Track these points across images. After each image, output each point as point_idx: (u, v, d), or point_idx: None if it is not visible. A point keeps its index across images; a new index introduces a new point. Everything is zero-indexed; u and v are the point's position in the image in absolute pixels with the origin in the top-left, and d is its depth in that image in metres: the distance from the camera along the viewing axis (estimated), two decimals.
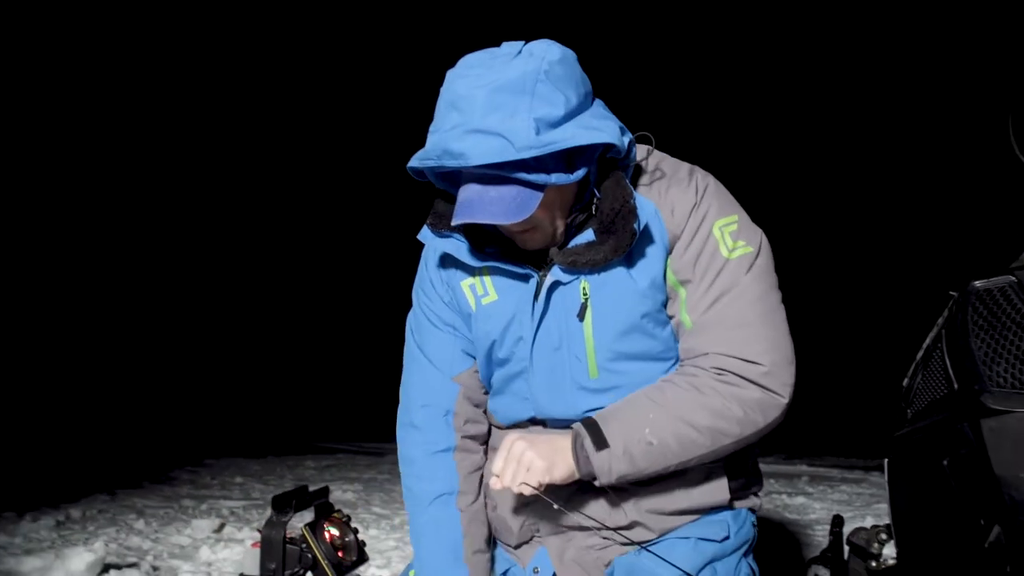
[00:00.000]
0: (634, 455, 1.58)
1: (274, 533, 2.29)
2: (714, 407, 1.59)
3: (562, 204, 1.62)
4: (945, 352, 1.75)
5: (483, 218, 1.50)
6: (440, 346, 1.86)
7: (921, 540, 1.87)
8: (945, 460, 1.65)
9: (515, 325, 1.72)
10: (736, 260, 1.65)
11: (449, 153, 1.48)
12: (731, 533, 1.75)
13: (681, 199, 1.68)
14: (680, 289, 1.67)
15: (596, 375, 1.69)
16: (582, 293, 1.67)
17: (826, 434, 8.17)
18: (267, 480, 6.11)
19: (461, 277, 1.80)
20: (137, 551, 3.57)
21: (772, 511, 4.79)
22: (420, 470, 1.85)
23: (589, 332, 1.68)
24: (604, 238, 1.62)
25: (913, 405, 1.95)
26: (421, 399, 1.86)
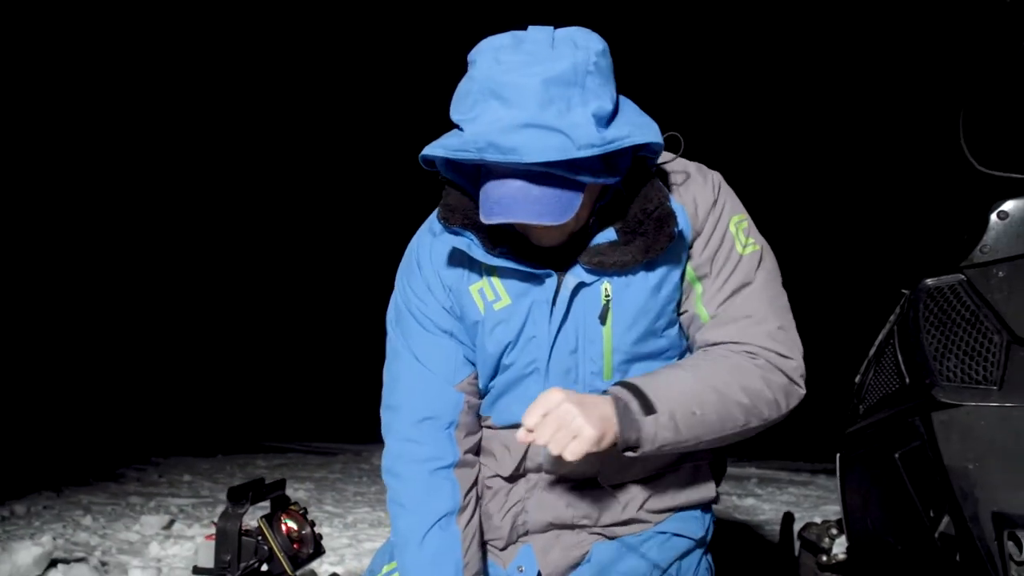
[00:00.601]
0: (679, 423, 1.50)
1: (229, 525, 2.27)
2: (751, 387, 1.56)
3: (591, 202, 1.57)
4: (897, 348, 1.80)
5: (526, 218, 1.42)
6: (440, 353, 1.74)
7: (872, 533, 1.92)
8: (897, 453, 1.71)
9: (528, 327, 1.66)
10: (748, 256, 1.66)
11: (497, 148, 1.38)
12: (705, 535, 1.79)
13: (702, 196, 1.66)
14: (697, 284, 1.66)
15: (610, 377, 1.66)
16: (604, 295, 1.63)
17: (773, 438, 8.31)
18: (216, 479, 6.02)
19: (470, 281, 1.70)
20: (85, 546, 3.49)
21: (722, 512, 4.86)
22: (420, 489, 1.70)
23: (608, 335, 1.64)
24: (630, 238, 1.58)
25: (865, 401, 2.01)
26: (422, 411, 1.72)
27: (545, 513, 1.73)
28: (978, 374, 1.59)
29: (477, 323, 1.69)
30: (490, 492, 1.78)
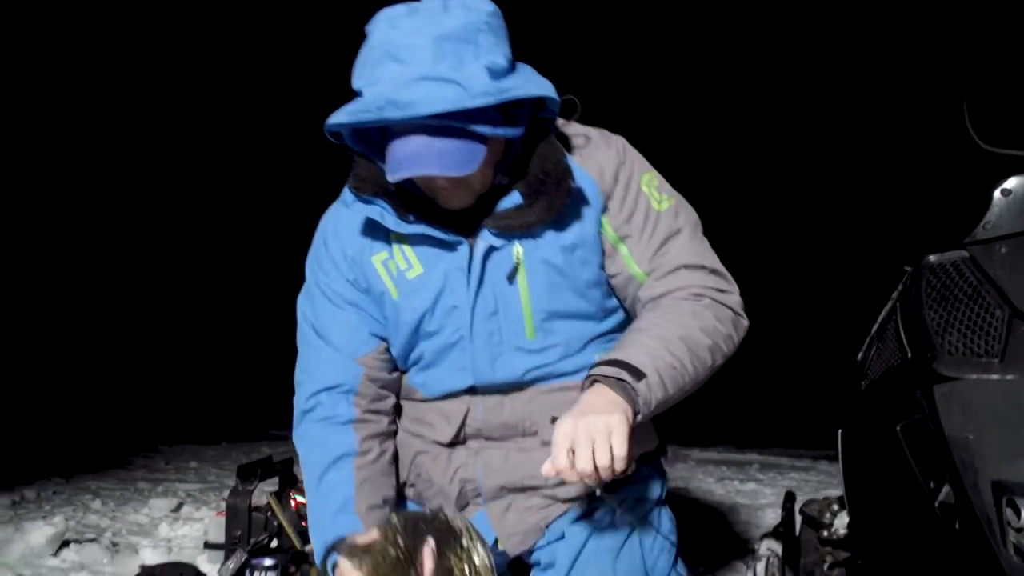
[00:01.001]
0: (665, 380, 1.52)
1: (239, 501, 2.32)
2: (708, 326, 1.62)
3: (494, 160, 1.61)
4: (899, 324, 1.83)
5: (429, 170, 1.47)
6: (341, 327, 1.78)
7: (872, 507, 1.95)
8: (898, 426, 1.73)
9: (446, 294, 1.70)
10: (666, 211, 1.73)
11: (394, 104, 1.43)
12: (656, 491, 1.86)
13: (607, 160, 1.72)
14: (621, 246, 1.72)
15: (533, 336, 1.72)
16: (515, 256, 1.67)
17: (775, 425, 8.34)
18: (222, 465, 6.06)
19: (372, 252, 1.75)
20: (95, 528, 3.54)
21: (724, 496, 4.90)
22: (316, 439, 1.76)
23: (525, 294, 1.69)
24: (533, 199, 1.63)
25: (867, 377, 2.03)
26: (322, 383, 1.77)
27: (495, 477, 1.76)
28: (980, 348, 1.62)
29: (383, 294, 1.73)
30: (429, 457, 1.81)
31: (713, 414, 8.44)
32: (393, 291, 1.73)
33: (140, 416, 8.55)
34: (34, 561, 2.87)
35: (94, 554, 2.98)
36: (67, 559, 2.94)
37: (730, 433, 7.91)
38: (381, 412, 1.82)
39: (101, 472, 5.48)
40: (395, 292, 1.73)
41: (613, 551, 1.73)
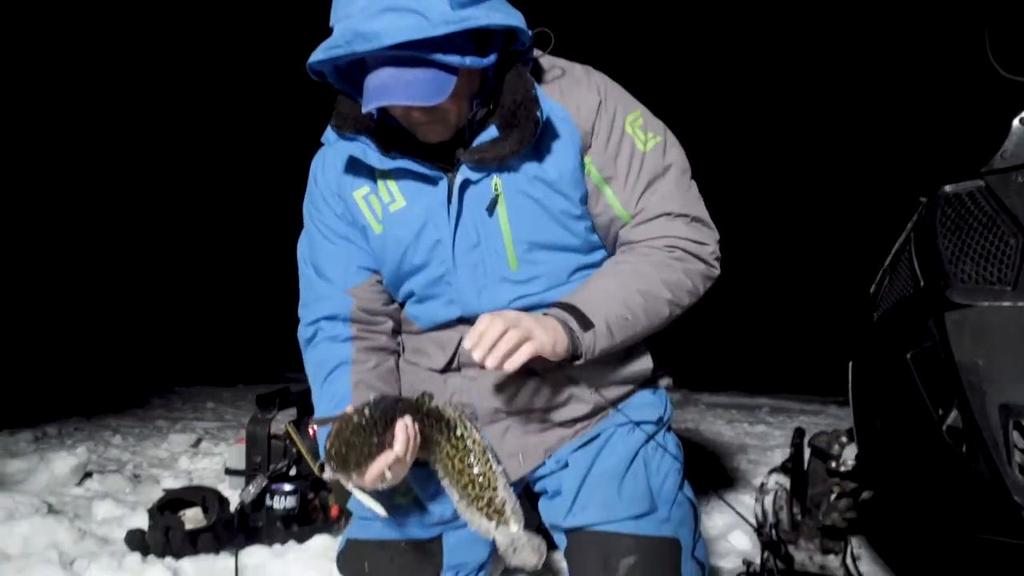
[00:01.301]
0: (613, 331, 1.65)
1: (259, 429, 2.38)
2: (672, 279, 1.71)
3: (468, 93, 1.65)
4: (913, 254, 1.83)
5: (399, 99, 1.52)
6: (333, 260, 1.87)
7: (881, 435, 1.98)
8: (908, 354, 1.75)
9: (429, 229, 1.75)
10: (652, 152, 1.76)
11: (361, 36, 1.47)
12: (660, 414, 1.90)
13: (585, 98, 1.74)
14: (605, 187, 1.76)
15: (516, 267, 1.76)
16: (493, 188, 1.71)
17: (785, 371, 8.38)
18: (239, 405, 6.16)
19: (354, 187, 1.80)
20: (117, 461, 3.62)
21: (733, 438, 4.95)
22: (319, 356, 1.85)
23: (505, 226, 1.73)
24: (508, 132, 1.66)
25: (879, 309, 2.04)
26: (318, 313, 1.87)
27: (490, 401, 1.81)
28: (992, 276, 1.62)
29: (365, 228, 1.81)
30: (426, 384, 1.86)
31: (723, 360, 8.48)
32: (375, 225, 1.80)
33: (156, 359, 8.67)
34: (58, 490, 2.94)
35: (117, 484, 3.06)
36: (90, 488, 3.02)
37: (740, 378, 7.96)
38: (377, 332, 1.90)
39: (120, 411, 5.58)
40: (377, 226, 1.79)
41: (618, 475, 1.78)
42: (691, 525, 1.82)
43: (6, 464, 3.20)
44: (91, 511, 2.59)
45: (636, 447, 1.82)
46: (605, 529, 1.72)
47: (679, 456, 1.89)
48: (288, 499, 2.25)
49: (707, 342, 7.62)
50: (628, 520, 1.72)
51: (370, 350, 1.86)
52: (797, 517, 2.50)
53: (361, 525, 1.87)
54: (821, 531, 2.37)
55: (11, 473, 3.11)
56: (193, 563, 2.06)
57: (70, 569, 1.90)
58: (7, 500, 2.33)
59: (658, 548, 1.72)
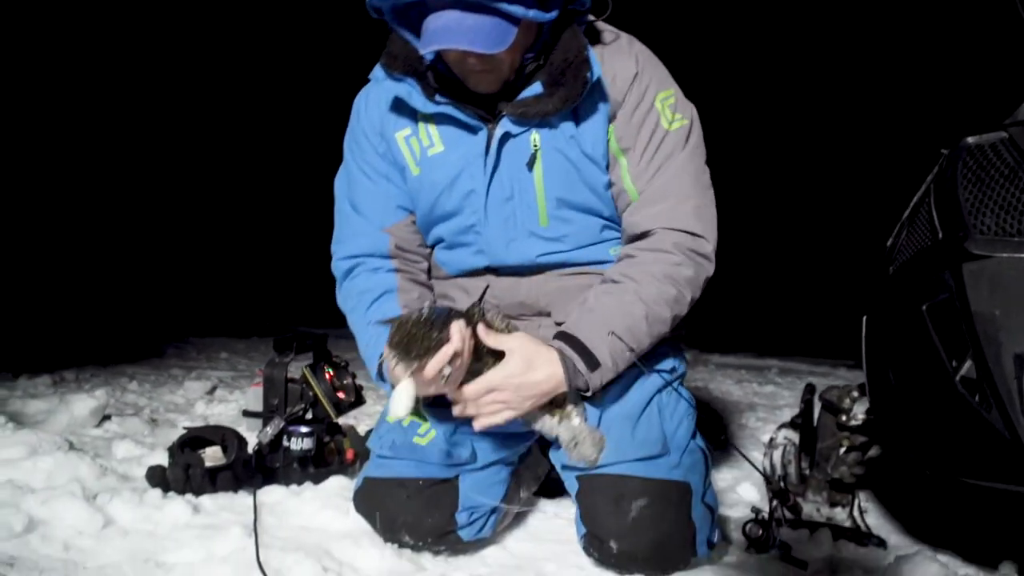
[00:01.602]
0: (619, 364, 1.69)
1: (276, 372, 2.40)
2: (672, 296, 1.72)
3: (523, 45, 1.66)
4: (932, 205, 1.83)
5: (461, 44, 1.52)
6: (372, 197, 1.89)
7: (893, 388, 1.99)
8: (924, 306, 1.76)
9: (464, 178, 1.78)
10: (675, 132, 1.76)
11: None
12: (676, 367, 1.94)
13: (622, 68, 1.75)
14: (621, 157, 1.77)
15: (546, 223, 1.79)
16: (532, 144, 1.73)
17: (795, 333, 8.38)
18: (252, 356, 6.21)
19: (396, 128, 1.82)
20: (134, 406, 3.67)
21: (742, 397, 4.97)
22: (362, 285, 1.87)
23: (540, 182, 1.75)
24: (553, 89, 1.67)
25: (896, 261, 2.05)
26: (353, 250, 1.89)
27: None
28: (1012, 227, 1.62)
29: (404, 169, 1.83)
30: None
31: (734, 321, 8.48)
32: (413, 167, 1.82)
33: (170, 310, 8.73)
34: (78, 431, 2.99)
35: (135, 426, 3.11)
36: (109, 430, 3.07)
37: (750, 340, 7.97)
38: (416, 269, 1.94)
39: (135, 359, 5.64)
40: (415, 168, 1.82)
41: (632, 418, 1.81)
42: (702, 472, 1.85)
43: (27, 404, 3.26)
44: (111, 450, 2.64)
45: (651, 392, 1.85)
46: (617, 471, 1.75)
47: (692, 406, 1.92)
48: (305, 440, 2.29)
49: (717, 303, 7.60)
50: (640, 462, 1.75)
51: (413, 282, 1.90)
52: (805, 471, 2.53)
53: (378, 464, 1.91)
54: (829, 484, 2.40)
55: (32, 414, 3.16)
56: (213, 500, 2.10)
57: (92, 503, 1.94)
58: (30, 436, 2.38)
59: (669, 491, 1.75)
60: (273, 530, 1.92)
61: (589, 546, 1.79)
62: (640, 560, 1.72)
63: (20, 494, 1.97)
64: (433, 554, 1.86)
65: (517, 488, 2.05)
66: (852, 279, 4.80)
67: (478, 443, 1.88)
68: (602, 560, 1.77)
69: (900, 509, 2.38)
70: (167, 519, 1.94)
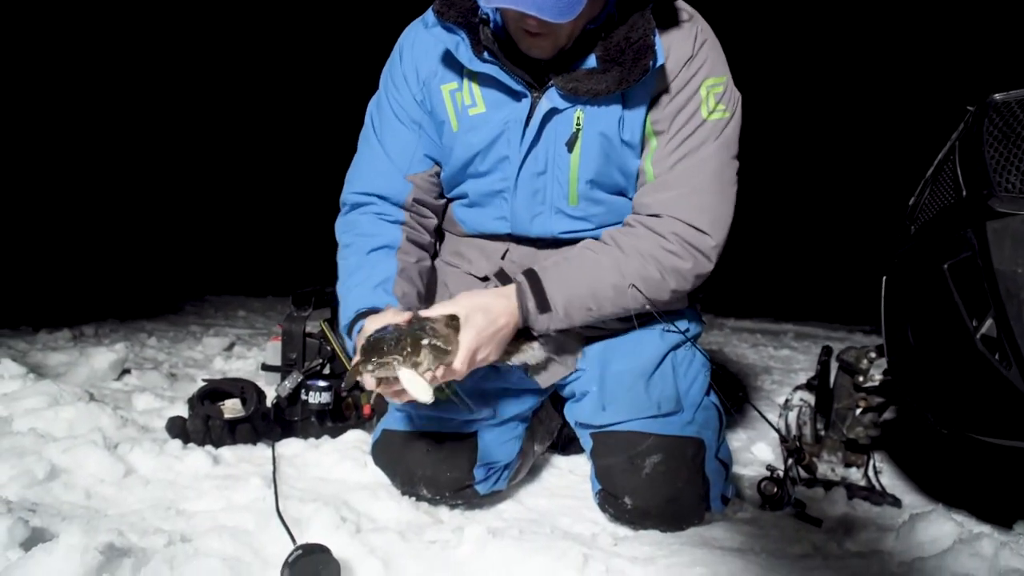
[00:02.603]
0: (572, 316, 1.69)
1: (295, 326, 2.42)
2: (652, 277, 1.68)
3: (589, 12, 1.59)
4: (957, 163, 1.81)
5: (531, 9, 1.44)
6: (401, 141, 1.84)
7: (912, 348, 1.98)
8: (946, 264, 1.74)
9: (501, 143, 1.74)
10: (712, 122, 1.70)
11: None
12: (690, 327, 1.92)
13: (678, 47, 1.68)
14: (652, 139, 1.72)
15: (576, 203, 1.77)
16: (575, 123, 1.68)
17: (812, 299, 8.35)
18: (269, 315, 6.25)
19: (443, 80, 1.76)
20: (153, 360, 3.71)
21: (758, 360, 4.97)
22: (365, 227, 1.83)
23: (576, 161, 1.72)
24: (608, 67, 1.62)
25: (917, 220, 2.02)
26: (371, 188, 1.84)
27: None
28: None
29: (443, 123, 1.78)
30: (464, 287, 1.87)
31: (750, 285, 8.44)
32: (454, 122, 1.77)
33: (188, 267, 8.79)
34: (98, 383, 3.03)
35: (154, 380, 3.14)
36: (129, 383, 3.10)
37: (766, 305, 7.95)
38: (425, 228, 1.91)
39: (153, 316, 5.69)
40: (456, 124, 1.77)
41: (646, 374, 1.81)
42: (715, 428, 1.86)
43: (48, 357, 3.30)
44: (131, 403, 2.67)
45: (665, 350, 1.85)
46: (631, 428, 1.76)
47: (707, 364, 1.91)
48: (323, 395, 2.31)
49: (734, 267, 7.56)
50: (653, 419, 1.76)
51: (415, 244, 1.87)
52: (820, 432, 2.54)
53: (397, 417, 1.92)
54: (844, 444, 2.40)
55: (53, 366, 3.20)
56: (232, 451, 2.13)
57: (114, 452, 1.97)
58: (51, 387, 2.41)
59: (683, 447, 1.76)
60: (292, 481, 1.95)
61: (604, 502, 1.80)
62: (654, 516, 1.74)
63: (43, 442, 2.01)
64: (450, 507, 1.88)
65: (531, 442, 2.07)
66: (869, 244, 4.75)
67: (495, 399, 1.89)
68: (617, 516, 1.79)
69: (915, 469, 2.39)
70: (187, 469, 1.97)
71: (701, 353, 1.93)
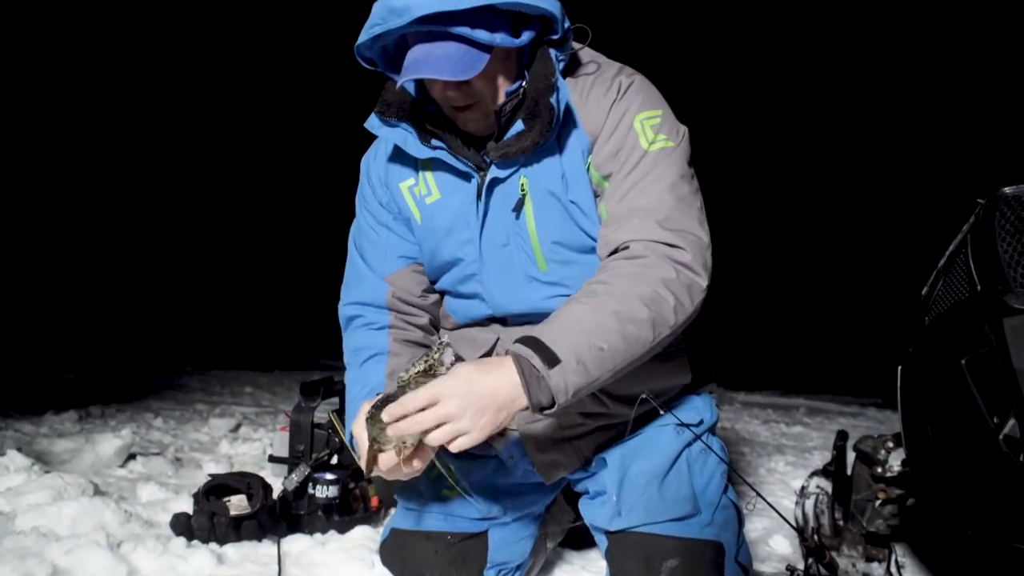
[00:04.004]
0: (587, 365, 1.45)
1: (303, 417, 2.40)
2: (648, 295, 1.53)
3: (504, 77, 1.63)
4: (970, 256, 1.79)
5: (430, 73, 1.51)
6: (375, 247, 1.90)
7: (932, 443, 1.94)
8: (963, 360, 1.71)
9: (461, 226, 1.75)
10: (655, 152, 1.66)
11: (393, 11, 1.49)
12: (704, 418, 1.88)
13: (602, 96, 1.69)
14: (604, 184, 1.69)
15: (545, 268, 1.74)
16: (520, 188, 1.69)
17: (822, 372, 8.28)
18: (276, 391, 6.22)
19: (400, 178, 1.82)
20: (159, 444, 3.67)
21: (770, 438, 4.89)
22: (358, 340, 1.87)
23: (532, 225, 1.71)
24: (531, 124, 1.63)
25: (931, 312, 2.00)
26: (356, 297, 1.90)
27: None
28: None
29: (409, 219, 1.83)
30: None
31: (760, 358, 8.39)
32: (417, 215, 1.81)
33: (194, 342, 8.79)
34: (103, 471, 2.99)
35: (159, 466, 3.10)
36: (134, 470, 3.06)
37: (776, 378, 7.88)
38: (412, 325, 1.91)
39: (160, 393, 5.67)
40: (419, 216, 1.81)
41: (660, 475, 1.76)
42: (734, 529, 1.81)
43: (53, 443, 3.27)
44: (135, 493, 2.63)
45: (680, 448, 1.81)
46: (647, 531, 1.71)
47: (724, 458, 1.87)
48: (330, 488, 2.26)
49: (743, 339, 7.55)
50: (671, 522, 1.71)
51: (405, 343, 1.87)
52: (839, 522, 2.47)
53: (406, 515, 1.88)
54: (865, 537, 2.34)
55: (58, 453, 3.17)
56: (237, 549, 2.08)
57: (117, 551, 1.93)
58: (56, 480, 2.37)
59: (701, 551, 1.71)
60: None
61: None
62: None
63: (45, 542, 1.97)
64: None
65: (544, 540, 2.02)
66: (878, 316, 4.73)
67: (507, 496, 1.85)
68: None
69: (938, 564, 2.32)
70: (191, 570, 1.93)
71: (717, 445, 1.89)
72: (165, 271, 9.68)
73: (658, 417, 1.82)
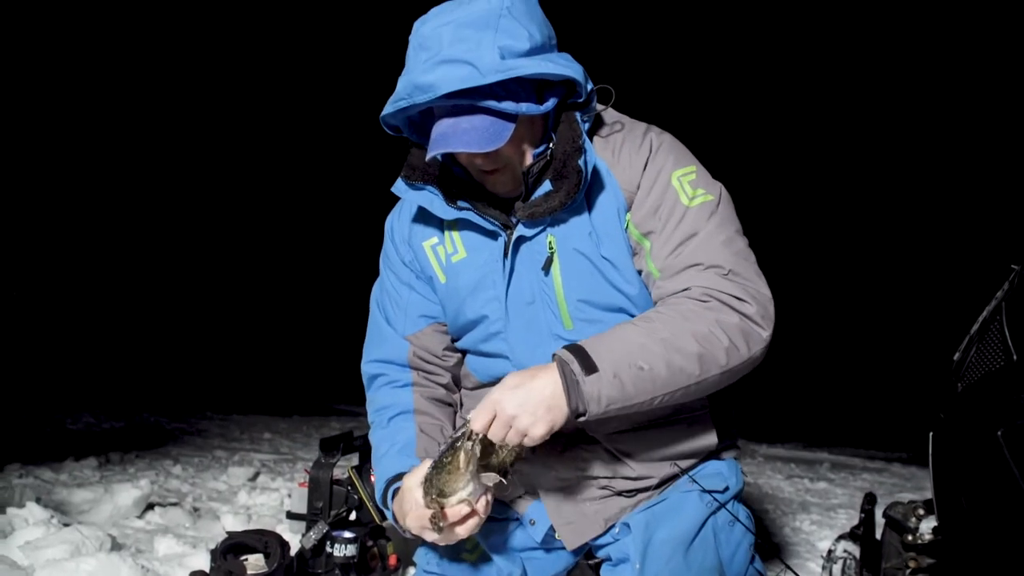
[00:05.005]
0: (624, 380, 1.50)
1: (322, 474, 2.37)
2: (701, 333, 1.54)
3: (531, 141, 1.67)
4: (1004, 324, 1.76)
5: (457, 147, 1.54)
6: (397, 306, 1.92)
7: (966, 513, 1.89)
8: (999, 431, 1.67)
9: (486, 284, 1.76)
10: (697, 208, 1.67)
11: (419, 88, 1.53)
12: (730, 484, 1.84)
13: (634, 155, 1.71)
14: (645, 242, 1.70)
15: (571, 326, 1.73)
16: (548, 247, 1.70)
17: (846, 424, 8.17)
18: (294, 437, 6.20)
19: (424, 237, 1.85)
20: (177, 493, 3.66)
21: (794, 494, 4.80)
22: (384, 399, 1.90)
23: (559, 284, 1.71)
24: (559, 184, 1.65)
25: (964, 379, 1.97)
26: (377, 355, 1.93)
27: (548, 471, 1.78)
28: None
29: (432, 278, 1.85)
30: None
31: (781, 410, 8.29)
32: (441, 275, 1.82)
33: (214, 387, 8.81)
34: (121, 522, 2.98)
35: (177, 518, 3.08)
36: (152, 521, 3.05)
37: (799, 430, 7.77)
38: (436, 383, 1.92)
39: (180, 439, 5.66)
40: (443, 276, 1.82)
41: (685, 543, 1.72)
42: None
43: (72, 493, 3.26)
44: (153, 546, 2.61)
45: (705, 515, 1.77)
46: None
47: (751, 528, 1.83)
48: (348, 547, 2.23)
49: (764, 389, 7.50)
50: None
51: (430, 400, 1.89)
52: None
53: None
54: None
55: (77, 504, 3.16)
56: None
57: None
58: (74, 535, 2.36)
59: None
60: None
61: None
62: None
63: None
64: None
65: None
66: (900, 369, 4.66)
67: (527, 561, 1.81)
68: None
69: None
70: None
71: (744, 513, 1.85)
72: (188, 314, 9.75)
73: (682, 482, 1.79)
